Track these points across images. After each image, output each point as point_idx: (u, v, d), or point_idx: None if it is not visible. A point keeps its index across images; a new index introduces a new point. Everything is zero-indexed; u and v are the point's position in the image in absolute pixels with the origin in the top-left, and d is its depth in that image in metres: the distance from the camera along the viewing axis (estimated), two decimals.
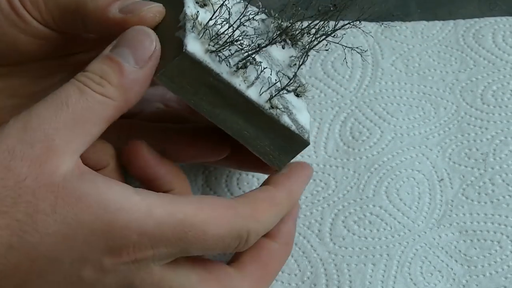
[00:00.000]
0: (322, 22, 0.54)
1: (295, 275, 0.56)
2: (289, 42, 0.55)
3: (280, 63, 0.53)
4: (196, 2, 0.50)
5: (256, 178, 0.60)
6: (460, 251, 0.57)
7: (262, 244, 0.51)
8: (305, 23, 0.54)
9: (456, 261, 0.57)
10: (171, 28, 0.48)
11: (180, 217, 0.45)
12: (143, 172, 0.51)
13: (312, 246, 0.57)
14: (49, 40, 0.51)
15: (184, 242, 0.45)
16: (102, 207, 0.43)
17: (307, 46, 0.54)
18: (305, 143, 0.51)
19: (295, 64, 0.53)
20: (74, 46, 0.53)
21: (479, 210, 0.58)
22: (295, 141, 0.51)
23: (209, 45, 0.47)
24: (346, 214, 0.58)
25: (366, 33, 0.64)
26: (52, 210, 0.43)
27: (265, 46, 0.49)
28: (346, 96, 0.63)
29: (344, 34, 0.53)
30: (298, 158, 0.60)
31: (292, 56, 0.54)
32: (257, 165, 0.54)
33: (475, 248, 0.57)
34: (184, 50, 0.46)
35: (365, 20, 0.66)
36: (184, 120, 0.57)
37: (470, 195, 0.59)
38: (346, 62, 0.62)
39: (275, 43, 0.51)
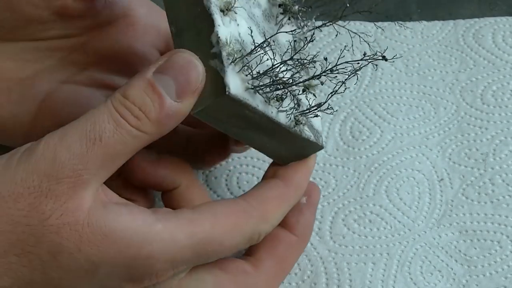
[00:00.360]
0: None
1: (295, 274, 0.56)
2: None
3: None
4: (221, 11, 0.46)
5: (256, 177, 0.60)
6: (460, 251, 0.57)
7: (279, 237, 0.51)
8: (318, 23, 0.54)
9: (456, 261, 0.56)
10: (202, 49, 0.45)
11: (200, 237, 0.45)
12: (145, 181, 0.50)
13: (312, 244, 0.57)
14: (47, 15, 0.51)
15: (203, 257, 0.46)
16: (126, 242, 0.43)
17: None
18: (320, 148, 0.51)
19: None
20: (69, 28, 0.53)
21: (479, 210, 0.58)
22: (312, 147, 0.51)
23: (248, 83, 0.45)
24: (346, 212, 0.58)
25: (350, 32, 0.64)
26: (77, 249, 0.42)
27: (305, 81, 0.48)
28: (346, 95, 0.63)
29: (343, 33, 0.53)
30: None
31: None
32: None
33: (475, 248, 0.57)
34: (227, 93, 0.44)
35: (365, 20, 0.67)
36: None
37: (470, 195, 0.59)
38: (353, 50, 0.61)
39: (314, 78, 0.49)
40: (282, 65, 0.46)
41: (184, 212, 0.46)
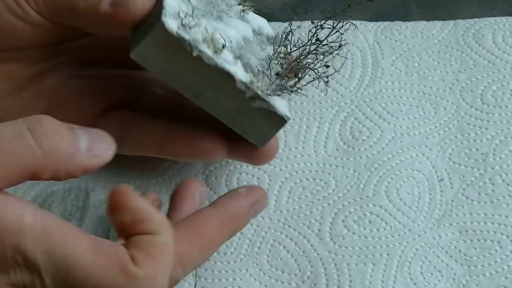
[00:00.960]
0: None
1: (295, 274, 0.56)
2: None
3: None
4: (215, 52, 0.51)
5: (256, 178, 0.60)
6: (460, 251, 0.57)
7: (198, 212, 0.50)
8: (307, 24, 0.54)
9: (456, 261, 0.57)
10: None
11: (65, 252, 0.43)
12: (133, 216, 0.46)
13: (312, 245, 0.57)
14: (45, 29, 0.52)
15: (65, 280, 0.43)
16: None
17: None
18: (285, 119, 0.52)
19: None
20: (70, 33, 0.54)
21: (479, 210, 0.58)
22: (274, 118, 0.51)
23: (183, 21, 0.49)
24: (346, 213, 0.58)
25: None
26: None
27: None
28: (346, 95, 0.63)
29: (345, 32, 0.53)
30: (298, 157, 0.60)
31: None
32: (244, 154, 0.55)
33: (475, 248, 0.57)
34: (161, 20, 0.47)
35: (365, 20, 0.67)
36: (182, 106, 0.57)
37: (470, 195, 0.59)
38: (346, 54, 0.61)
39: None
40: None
41: (66, 223, 0.44)
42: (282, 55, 0.53)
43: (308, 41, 0.54)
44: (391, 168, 0.60)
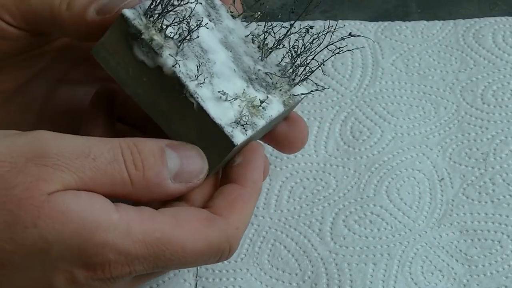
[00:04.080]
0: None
1: (296, 274, 0.56)
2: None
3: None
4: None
5: None
6: (460, 250, 0.57)
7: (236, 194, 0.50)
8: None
9: (457, 260, 0.56)
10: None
11: (157, 235, 0.44)
12: None
13: (313, 245, 0.57)
14: (23, 40, 0.50)
15: (162, 259, 0.45)
16: (82, 224, 0.43)
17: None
18: (231, 144, 0.47)
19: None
20: (49, 37, 0.53)
21: (480, 209, 0.58)
22: (220, 139, 0.47)
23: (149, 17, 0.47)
24: (347, 213, 0.58)
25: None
26: (33, 223, 0.42)
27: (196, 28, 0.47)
28: (347, 95, 0.63)
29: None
30: (299, 156, 0.60)
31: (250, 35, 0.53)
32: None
33: (476, 248, 0.57)
34: (122, 13, 0.46)
35: (365, 20, 0.67)
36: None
37: (470, 194, 0.59)
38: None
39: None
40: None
41: (145, 209, 0.45)
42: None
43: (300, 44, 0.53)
44: (392, 168, 0.60)
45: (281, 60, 0.52)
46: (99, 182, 0.44)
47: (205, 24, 0.48)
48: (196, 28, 0.47)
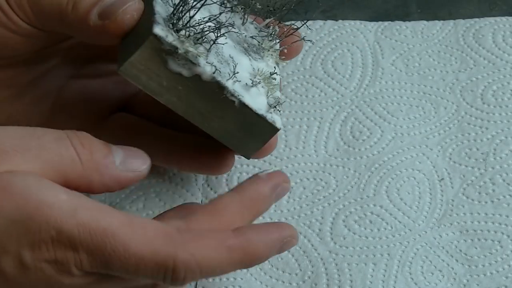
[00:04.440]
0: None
1: (296, 274, 0.56)
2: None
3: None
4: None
5: None
6: (460, 250, 0.57)
7: (219, 196, 0.50)
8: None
9: (457, 260, 0.57)
10: (147, 21, 0.48)
11: (103, 225, 0.43)
12: None
13: (313, 245, 0.57)
14: (38, 38, 0.51)
15: (103, 253, 0.43)
16: (25, 198, 0.42)
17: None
18: (275, 130, 0.50)
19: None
20: (63, 36, 0.53)
21: (480, 209, 0.58)
22: (264, 127, 0.50)
23: (172, 26, 0.47)
24: (347, 213, 0.58)
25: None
26: None
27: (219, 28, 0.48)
28: (347, 95, 0.63)
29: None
30: (299, 156, 0.60)
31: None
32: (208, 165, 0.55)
33: (476, 248, 0.57)
34: (153, 32, 0.46)
35: (365, 20, 0.67)
36: None
37: (470, 194, 0.59)
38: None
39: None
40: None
41: (103, 205, 0.45)
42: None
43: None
44: (392, 168, 0.60)
45: (254, 20, 0.54)
46: (48, 159, 0.44)
47: (229, 31, 0.49)
48: (224, 34, 0.48)
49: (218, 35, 0.47)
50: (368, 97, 0.63)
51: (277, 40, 0.54)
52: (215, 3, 0.49)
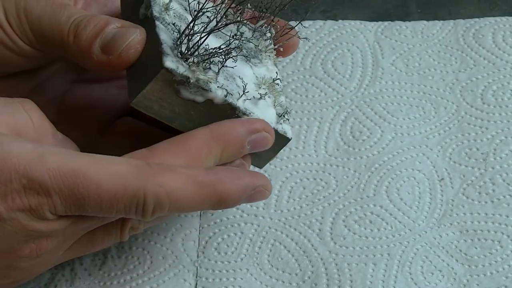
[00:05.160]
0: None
1: (296, 274, 0.56)
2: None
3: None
4: (164, 9, 0.49)
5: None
6: (460, 250, 0.57)
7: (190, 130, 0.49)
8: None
9: (457, 260, 0.57)
10: (154, 51, 0.48)
11: (72, 166, 0.43)
12: None
13: (313, 245, 0.57)
14: (40, 57, 0.51)
15: (77, 194, 0.44)
16: None
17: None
18: (286, 140, 0.52)
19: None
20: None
21: (480, 209, 0.58)
22: (276, 138, 0.51)
23: (181, 55, 0.47)
24: (347, 213, 0.58)
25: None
26: None
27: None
28: (347, 95, 0.63)
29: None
30: (299, 156, 0.60)
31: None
32: None
33: (476, 248, 0.57)
34: (164, 65, 0.46)
35: (365, 20, 0.67)
36: None
37: (470, 194, 0.59)
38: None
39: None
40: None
41: (69, 149, 0.45)
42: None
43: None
44: (392, 168, 0.60)
45: (247, 21, 0.54)
46: (4, 120, 0.44)
47: (237, 54, 0.49)
48: (233, 56, 0.48)
49: (227, 58, 0.48)
50: (368, 97, 0.63)
51: (271, 40, 0.54)
52: (219, 29, 0.48)
